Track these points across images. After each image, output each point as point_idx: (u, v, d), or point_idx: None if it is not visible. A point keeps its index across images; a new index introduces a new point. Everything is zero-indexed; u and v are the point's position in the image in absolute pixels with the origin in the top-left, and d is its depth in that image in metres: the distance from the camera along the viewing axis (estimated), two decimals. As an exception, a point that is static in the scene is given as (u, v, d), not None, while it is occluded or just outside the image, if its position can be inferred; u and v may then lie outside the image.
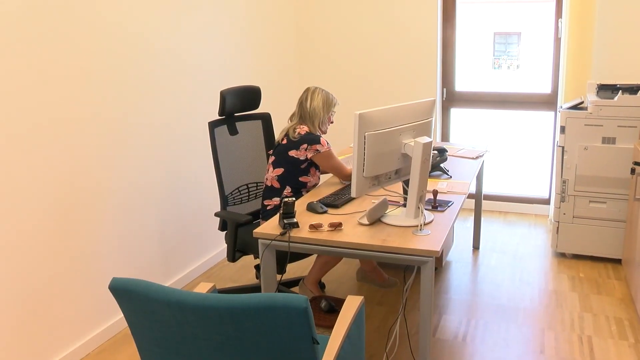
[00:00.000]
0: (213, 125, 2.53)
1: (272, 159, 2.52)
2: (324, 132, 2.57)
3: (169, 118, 2.84)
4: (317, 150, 2.42)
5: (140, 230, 2.68)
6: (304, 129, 2.45)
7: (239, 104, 2.61)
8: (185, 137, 2.97)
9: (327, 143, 2.45)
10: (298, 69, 4.26)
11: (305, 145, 2.42)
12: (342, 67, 4.15)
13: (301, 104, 2.52)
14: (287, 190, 2.48)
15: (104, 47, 2.38)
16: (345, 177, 2.54)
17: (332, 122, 2.60)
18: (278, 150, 2.49)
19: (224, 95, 2.50)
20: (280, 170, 2.48)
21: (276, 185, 2.49)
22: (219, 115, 2.56)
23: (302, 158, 2.43)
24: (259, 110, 2.77)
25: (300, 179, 2.48)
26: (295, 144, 2.43)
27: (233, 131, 2.63)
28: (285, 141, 2.46)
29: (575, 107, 3.14)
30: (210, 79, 3.16)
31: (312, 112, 2.49)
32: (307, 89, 2.54)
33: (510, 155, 6.86)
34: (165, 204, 2.84)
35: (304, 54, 4.23)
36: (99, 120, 2.38)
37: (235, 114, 2.66)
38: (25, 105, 2.05)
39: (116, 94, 2.47)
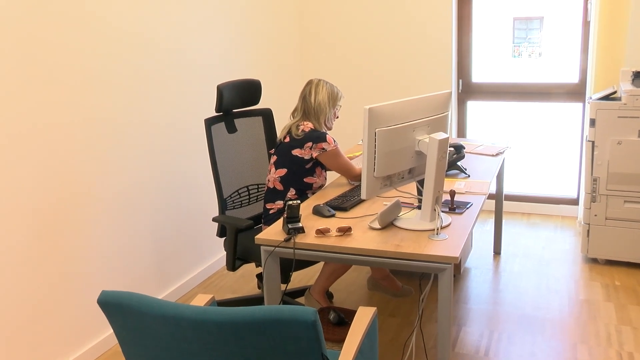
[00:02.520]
0: (209, 122, 2.53)
1: (274, 158, 2.51)
2: (330, 129, 2.57)
3: (162, 115, 2.84)
4: (323, 148, 2.42)
5: (132, 237, 2.68)
6: (308, 126, 2.45)
7: (238, 99, 2.61)
8: (180, 136, 2.98)
9: (334, 141, 2.44)
10: (301, 61, 4.26)
11: (310, 144, 2.41)
12: (349, 58, 4.15)
13: (304, 98, 2.52)
14: (291, 192, 2.48)
15: (91, 42, 2.39)
16: (354, 177, 2.53)
17: (337, 117, 2.60)
18: (280, 149, 2.49)
19: (221, 90, 2.50)
20: (283, 171, 2.47)
21: (279, 187, 2.49)
22: (216, 112, 2.56)
23: (306, 157, 2.43)
24: (259, 105, 2.77)
25: (305, 179, 2.48)
26: (299, 142, 2.43)
27: (231, 129, 2.64)
28: (288, 139, 2.46)
29: (606, 97, 3.12)
30: (207, 73, 3.16)
31: (317, 107, 2.49)
32: (310, 82, 2.54)
33: (533, 151, 6.83)
34: (158, 208, 2.84)
35: (308, 45, 4.23)
36: (86, 120, 2.39)
37: (234, 110, 2.66)
38: (5, 106, 2.06)
39: (104, 90, 2.47)
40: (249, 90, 2.67)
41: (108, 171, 2.52)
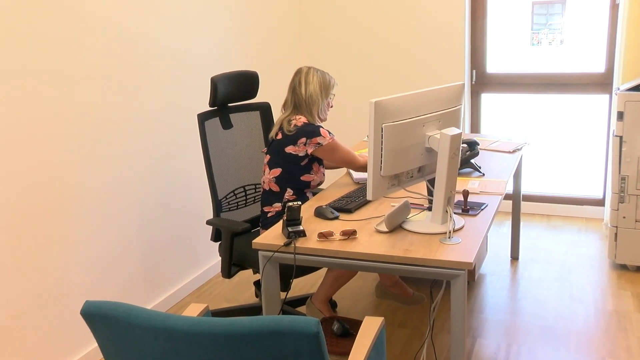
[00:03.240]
0: (203, 117, 2.54)
1: (267, 158, 2.52)
2: (324, 120, 2.56)
3: (152, 110, 2.85)
4: (319, 143, 2.41)
5: (118, 241, 2.69)
6: (300, 120, 2.45)
7: (233, 93, 2.62)
8: (171, 132, 2.98)
9: (329, 133, 2.44)
10: (301, 50, 4.26)
11: (303, 139, 2.41)
12: (352, 47, 4.15)
13: (294, 90, 2.51)
14: (288, 192, 2.48)
15: (74, 32, 2.39)
16: (360, 167, 2.54)
17: (331, 107, 2.59)
18: (273, 148, 2.49)
19: (215, 83, 2.51)
20: (277, 171, 2.48)
21: (275, 188, 2.49)
22: (210, 106, 2.57)
23: (301, 154, 2.43)
24: (257, 99, 2.77)
25: (301, 178, 2.48)
26: (291, 139, 2.43)
27: (227, 124, 2.64)
28: (280, 136, 2.47)
29: (636, 88, 3.11)
30: (200, 64, 3.17)
31: (309, 99, 2.48)
32: (299, 71, 2.53)
33: (554, 148, 6.82)
34: (147, 210, 2.85)
35: (308, 33, 4.23)
36: (68, 115, 2.40)
37: (229, 105, 2.66)
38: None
39: (88, 84, 2.48)
40: (245, 83, 2.67)
41: (93, 170, 2.52)
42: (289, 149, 2.44)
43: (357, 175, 2.67)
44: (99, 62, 2.52)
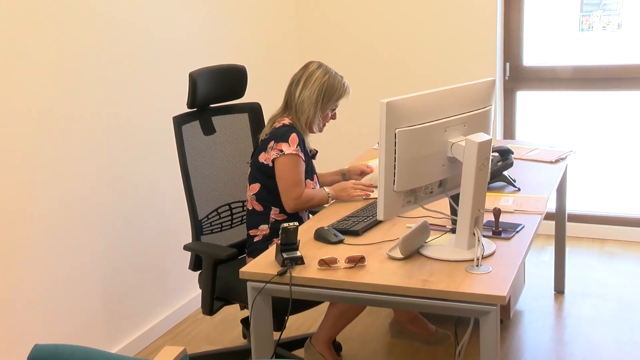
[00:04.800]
0: (180, 121, 2.57)
1: (249, 170, 2.55)
2: (314, 133, 2.56)
3: (119, 110, 2.87)
4: (282, 150, 2.42)
5: (76, 270, 2.70)
6: (282, 121, 2.47)
7: (217, 91, 2.65)
8: (141, 138, 3.00)
9: (298, 144, 2.43)
10: (300, 41, 4.29)
11: (272, 143, 2.44)
12: (360, 37, 4.17)
13: (290, 85, 2.55)
14: (274, 211, 2.50)
15: (24, 12, 2.43)
16: (296, 200, 2.43)
17: (333, 119, 2.60)
18: (253, 158, 2.53)
19: (194, 79, 2.54)
20: (256, 187, 2.50)
21: (258, 207, 2.52)
22: (188, 108, 2.60)
23: (271, 164, 2.46)
24: (245, 99, 2.81)
25: None
26: (264, 144, 2.46)
27: (208, 129, 2.67)
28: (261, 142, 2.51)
29: None
30: (178, 56, 3.20)
31: (300, 104, 2.50)
32: (307, 66, 2.56)
33: (608, 157, 6.81)
34: (112, 232, 2.87)
35: (307, 20, 4.25)
36: (14, 111, 2.42)
37: (211, 106, 2.69)
38: None
39: (41, 75, 2.50)
40: (231, 79, 2.70)
41: (43, 180, 2.54)
42: (261, 158, 2.46)
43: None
44: (59, 51, 2.54)
